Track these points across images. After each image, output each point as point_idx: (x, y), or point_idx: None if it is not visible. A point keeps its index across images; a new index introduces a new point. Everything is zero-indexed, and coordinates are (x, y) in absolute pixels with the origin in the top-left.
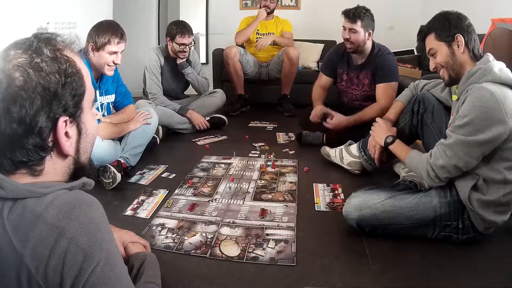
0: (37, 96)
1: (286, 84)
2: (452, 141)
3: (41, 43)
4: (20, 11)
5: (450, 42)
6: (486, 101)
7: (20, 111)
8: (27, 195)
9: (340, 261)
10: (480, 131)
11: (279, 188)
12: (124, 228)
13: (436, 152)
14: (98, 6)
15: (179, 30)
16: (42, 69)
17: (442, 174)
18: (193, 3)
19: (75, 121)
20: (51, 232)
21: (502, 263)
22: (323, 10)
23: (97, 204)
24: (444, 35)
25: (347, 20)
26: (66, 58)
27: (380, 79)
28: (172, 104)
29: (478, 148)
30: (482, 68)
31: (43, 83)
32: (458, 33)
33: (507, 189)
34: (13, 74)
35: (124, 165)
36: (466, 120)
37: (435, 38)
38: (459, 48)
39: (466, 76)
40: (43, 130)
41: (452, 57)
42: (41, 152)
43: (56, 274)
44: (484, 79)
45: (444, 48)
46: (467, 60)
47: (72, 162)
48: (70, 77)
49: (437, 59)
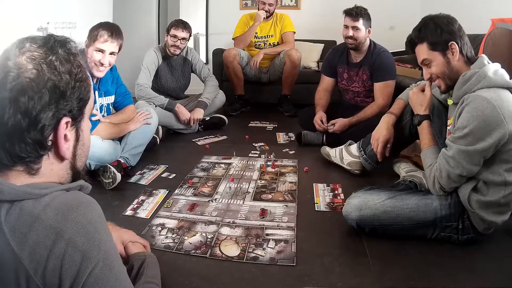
0: (47, 91)
1: (287, 85)
2: (454, 152)
3: (57, 43)
4: (20, 11)
5: (444, 51)
6: (483, 109)
7: (28, 102)
8: (24, 197)
9: (340, 261)
10: (480, 139)
11: (279, 188)
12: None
13: (440, 164)
14: (98, 7)
15: (175, 23)
16: (55, 67)
17: (447, 185)
18: (193, 3)
19: (75, 126)
20: (48, 234)
21: (502, 263)
22: (323, 10)
23: (94, 205)
24: (438, 44)
25: (350, 19)
26: (78, 64)
27: (377, 78)
28: (158, 97)
29: (479, 155)
30: (477, 73)
31: (54, 80)
32: (451, 40)
33: (507, 191)
34: (26, 65)
35: (124, 165)
36: (466, 131)
37: (428, 48)
38: (454, 56)
39: (461, 81)
40: (46, 127)
41: (448, 66)
42: (39, 150)
43: (55, 276)
44: (479, 85)
45: (439, 58)
46: (462, 66)
47: (69, 166)
48: (80, 81)
49: (433, 70)
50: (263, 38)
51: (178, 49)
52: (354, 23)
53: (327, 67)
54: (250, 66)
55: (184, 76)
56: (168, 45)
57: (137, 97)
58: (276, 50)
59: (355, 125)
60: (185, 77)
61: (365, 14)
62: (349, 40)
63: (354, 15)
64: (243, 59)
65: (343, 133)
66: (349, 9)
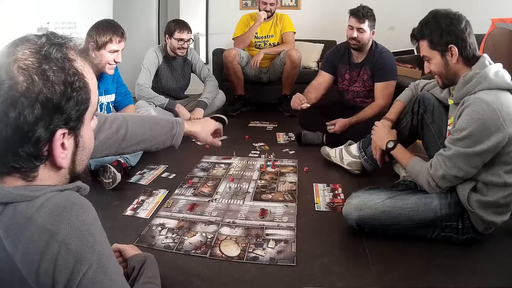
0: (38, 105)
1: (287, 85)
2: (452, 153)
3: (52, 48)
4: (20, 11)
5: (443, 52)
6: (483, 112)
7: (18, 118)
8: (18, 199)
9: (340, 261)
10: (479, 142)
11: (279, 188)
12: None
13: (436, 163)
14: (98, 6)
15: (178, 26)
16: (48, 77)
17: (442, 184)
18: (193, 3)
19: (74, 134)
20: (41, 235)
21: (502, 263)
22: (323, 10)
23: (89, 206)
24: (437, 45)
25: (356, 20)
26: (75, 71)
27: (379, 78)
28: (158, 97)
29: (478, 158)
30: (478, 74)
31: (46, 93)
32: (451, 42)
33: (506, 192)
34: (16, 77)
35: (124, 165)
36: (465, 133)
37: (427, 46)
38: (453, 58)
39: (462, 82)
40: (40, 140)
41: (445, 67)
42: (35, 161)
43: (48, 277)
44: (480, 87)
45: (438, 57)
46: (460, 68)
47: (67, 172)
48: (76, 91)
49: (431, 67)
50: (263, 38)
51: (185, 50)
52: (360, 24)
53: (326, 63)
54: (250, 66)
55: (184, 76)
56: (174, 48)
57: (137, 97)
58: (276, 50)
59: (355, 125)
60: (185, 77)
61: (371, 15)
62: (352, 41)
63: (361, 16)
64: (243, 59)
65: (343, 133)
66: (355, 10)
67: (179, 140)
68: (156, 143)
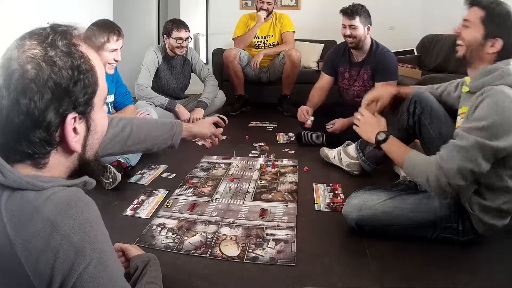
0: (48, 90)
1: (287, 85)
2: (470, 143)
3: (57, 36)
4: (20, 11)
5: (487, 36)
6: (504, 106)
7: (29, 104)
8: (27, 187)
9: (340, 261)
10: (497, 137)
11: (279, 188)
12: (123, 228)
13: (448, 154)
14: (98, 7)
15: (175, 25)
16: (55, 63)
17: (454, 181)
18: (193, 3)
19: (85, 118)
20: (45, 227)
21: (502, 263)
22: (323, 10)
23: (93, 205)
24: (487, 27)
25: (346, 17)
26: (80, 54)
27: (380, 78)
28: (158, 97)
29: (493, 153)
30: (500, 69)
31: (54, 78)
32: (499, 37)
33: (507, 197)
34: (25, 66)
35: (124, 165)
36: (484, 123)
37: (481, 17)
38: (491, 49)
39: (481, 72)
40: (51, 125)
41: (478, 46)
42: (47, 147)
43: (47, 267)
44: (501, 80)
45: (479, 35)
46: (488, 59)
47: (77, 157)
48: (83, 73)
49: (464, 34)
50: (262, 38)
51: (184, 49)
52: (350, 21)
53: (327, 65)
54: (251, 66)
55: (184, 76)
56: (173, 48)
57: (137, 97)
58: (276, 50)
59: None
60: (185, 77)
61: (362, 11)
62: (348, 39)
63: (350, 13)
64: (244, 59)
65: (343, 133)
66: (345, 8)
67: (179, 139)
68: (158, 142)
